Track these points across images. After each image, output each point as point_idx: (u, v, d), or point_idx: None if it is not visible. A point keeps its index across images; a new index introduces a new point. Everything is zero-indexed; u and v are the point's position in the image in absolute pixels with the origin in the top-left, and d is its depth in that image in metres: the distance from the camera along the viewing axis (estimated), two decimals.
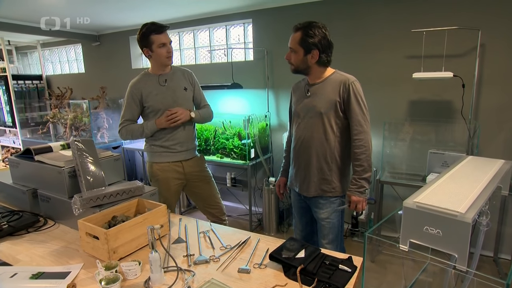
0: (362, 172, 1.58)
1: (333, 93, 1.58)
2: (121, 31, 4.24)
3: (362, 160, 1.57)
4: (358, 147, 1.57)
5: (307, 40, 1.53)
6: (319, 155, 1.64)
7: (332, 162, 1.64)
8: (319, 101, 1.61)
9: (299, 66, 1.62)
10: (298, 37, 1.55)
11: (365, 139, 1.56)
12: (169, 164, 2.02)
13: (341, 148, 1.64)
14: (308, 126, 1.66)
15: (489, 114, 2.51)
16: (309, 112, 1.65)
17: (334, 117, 1.60)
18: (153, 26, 1.85)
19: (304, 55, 1.57)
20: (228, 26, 3.66)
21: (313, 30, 1.53)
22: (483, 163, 1.36)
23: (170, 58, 1.94)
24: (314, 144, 1.64)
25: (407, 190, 2.65)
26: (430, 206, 0.89)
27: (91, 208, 1.39)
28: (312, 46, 1.54)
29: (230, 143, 3.25)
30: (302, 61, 1.59)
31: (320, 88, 1.62)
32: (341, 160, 1.65)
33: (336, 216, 1.70)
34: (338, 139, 1.63)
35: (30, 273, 1.12)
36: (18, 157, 1.72)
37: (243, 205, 3.74)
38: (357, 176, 1.59)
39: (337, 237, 1.72)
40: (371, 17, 2.77)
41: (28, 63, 5.76)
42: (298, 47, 1.57)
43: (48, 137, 4.55)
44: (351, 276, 1.07)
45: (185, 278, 1.10)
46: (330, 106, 1.58)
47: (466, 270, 0.77)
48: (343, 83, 1.56)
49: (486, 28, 2.36)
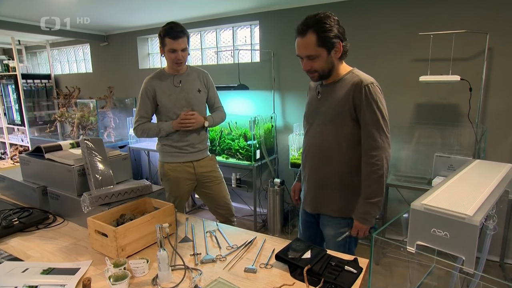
0: (370, 195, 1.33)
1: (344, 98, 1.33)
2: (129, 31, 4.28)
3: (372, 180, 1.31)
4: (369, 165, 1.31)
5: (326, 36, 1.28)
6: (325, 168, 1.41)
7: (339, 179, 1.40)
8: (328, 105, 1.38)
9: (325, 70, 1.35)
10: (314, 38, 1.28)
11: (379, 156, 1.29)
12: (180, 164, 2.03)
13: (350, 161, 1.38)
14: (315, 134, 1.45)
15: (496, 118, 2.50)
16: (317, 119, 1.44)
17: (345, 125, 1.34)
18: (170, 30, 1.83)
19: (328, 54, 1.31)
20: (235, 28, 3.68)
21: (325, 22, 1.27)
22: (490, 167, 1.36)
23: (179, 64, 1.92)
24: (319, 155, 1.42)
25: (413, 193, 2.64)
26: (438, 209, 0.90)
27: (100, 206, 1.41)
28: (335, 39, 1.29)
29: (236, 144, 3.27)
30: (328, 62, 1.33)
31: (331, 91, 1.38)
32: (349, 175, 1.39)
33: (342, 235, 1.46)
34: (348, 151, 1.37)
35: (41, 269, 1.15)
36: (28, 155, 1.75)
37: (248, 205, 3.75)
38: (364, 199, 1.35)
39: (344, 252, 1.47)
40: (378, 19, 2.77)
41: (37, 63, 5.84)
42: (319, 49, 1.30)
43: (56, 136, 4.61)
44: (357, 277, 1.08)
45: (192, 277, 1.11)
46: (340, 112, 1.34)
47: (473, 272, 0.77)
48: (355, 85, 1.31)
49: (494, 31, 2.35)
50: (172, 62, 1.92)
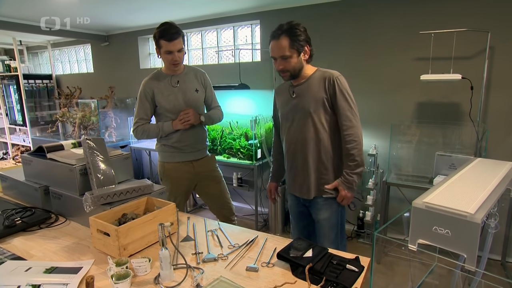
0: (354, 167, 1.56)
1: (319, 91, 1.56)
2: (129, 31, 4.29)
3: (355, 155, 1.55)
4: (348, 142, 1.55)
5: (297, 40, 1.51)
6: (315, 156, 1.63)
7: (327, 161, 1.63)
8: (306, 100, 1.59)
9: (296, 70, 1.58)
10: (287, 41, 1.51)
11: (355, 134, 1.54)
12: (179, 164, 2.04)
13: (333, 145, 1.63)
14: (299, 129, 1.64)
15: (498, 117, 2.49)
16: (297, 114, 1.63)
17: (324, 115, 1.58)
18: (164, 32, 1.81)
19: (298, 56, 1.55)
20: (236, 27, 3.68)
21: (296, 28, 1.51)
22: (492, 165, 1.36)
23: (176, 65, 1.92)
24: (308, 146, 1.63)
25: (414, 192, 2.64)
26: (440, 207, 0.90)
27: (102, 206, 1.42)
28: (303, 42, 1.53)
29: (237, 143, 3.27)
30: (298, 63, 1.57)
31: (305, 88, 1.61)
32: (336, 157, 1.64)
33: (336, 216, 1.68)
34: (330, 137, 1.61)
35: (44, 268, 1.15)
36: (30, 154, 1.75)
37: (249, 205, 3.76)
38: (349, 171, 1.57)
39: (337, 236, 1.70)
40: (379, 19, 2.77)
41: (39, 63, 5.86)
42: (291, 51, 1.53)
43: (57, 136, 4.62)
44: (359, 276, 1.08)
45: (194, 276, 1.11)
46: (318, 104, 1.57)
47: (475, 270, 0.77)
48: (327, 79, 1.55)
49: (496, 30, 2.35)
50: (169, 63, 1.91)
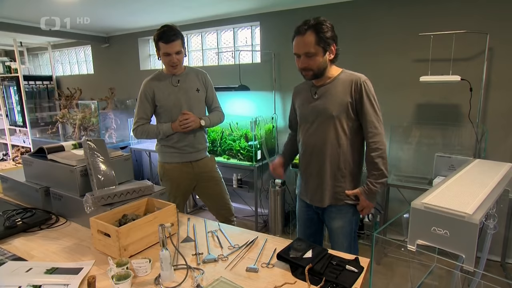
0: (379, 176, 1.48)
1: (344, 94, 1.47)
2: (130, 33, 4.30)
3: (379, 163, 1.46)
4: (374, 150, 1.47)
5: (323, 37, 1.41)
6: (332, 161, 1.53)
7: (345, 168, 1.53)
8: (330, 103, 1.50)
9: (320, 68, 1.47)
10: (313, 37, 1.41)
11: (381, 141, 1.46)
12: (179, 165, 2.05)
13: (353, 152, 1.53)
14: (319, 132, 1.54)
15: (497, 118, 2.50)
16: (319, 116, 1.53)
17: (346, 119, 1.49)
18: (162, 35, 1.83)
19: (323, 54, 1.44)
20: (236, 29, 3.69)
21: (323, 24, 1.41)
22: (490, 166, 1.37)
23: (174, 67, 1.94)
24: (326, 151, 1.53)
25: (413, 193, 2.64)
26: (438, 207, 0.91)
27: (102, 207, 1.42)
28: (330, 40, 1.43)
29: (237, 144, 3.28)
30: (323, 62, 1.46)
31: (329, 89, 1.51)
32: (354, 164, 1.55)
33: (350, 224, 1.60)
34: (350, 143, 1.52)
35: (45, 268, 1.16)
36: (31, 156, 1.76)
37: (249, 206, 3.76)
38: (373, 180, 1.49)
39: (351, 244, 1.62)
40: (379, 20, 2.78)
41: (39, 64, 5.86)
42: (317, 48, 1.42)
43: (57, 137, 4.62)
44: (358, 277, 1.08)
45: (195, 276, 1.12)
46: (342, 107, 1.47)
47: (473, 270, 0.78)
48: (354, 82, 1.46)
49: (495, 32, 2.36)
50: (167, 65, 1.94)
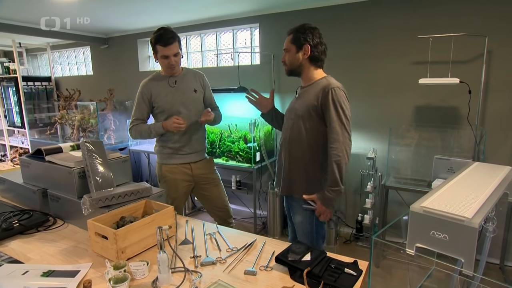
0: (332, 183, 1.50)
1: (313, 97, 1.56)
2: (129, 34, 4.30)
3: (333, 170, 1.48)
4: (331, 156, 1.49)
5: (298, 36, 1.58)
6: (292, 155, 1.65)
7: (301, 164, 1.63)
8: (301, 104, 1.62)
9: (292, 64, 1.63)
10: (291, 36, 1.61)
11: (339, 148, 1.47)
12: (177, 166, 2.04)
13: (312, 153, 1.60)
14: (287, 127, 1.69)
15: (496, 121, 2.50)
16: (291, 114, 1.68)
17: (308, 120, 1.58)
18: (160, 37, 1.84)
19: (296, 52, 1.60)
20: (235, 30, 3.69)
21: (304, 28, 1.59)
22: (489, 170, 1.37)
23: (173, 69, 1.95)
24: (289, 145, 1.67)
25: (412, 196, 2.64)
26: (437, 211, 0.90)
27: (100, 209, 1.41)
28: (303, 41, 1.57)
29: (235, 146, 3.27)
30: (295, 59, 1.61)
31: (307, 91, 1.63)
32: (311, 164, 1.61)
33: (310, 223, 1.64)
34: (310, 143, 1.59)
35: (41, 271, 1.15)
36: (29, 157, 1.75)
37: (247, 208, 3.75)
38: (328, 187, 1.52)
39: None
40: (378, 23, 2.79)
41: (38, 65, 5.85)
42: (291, 45, 1.61)
43: (56, 138, 4.61)
44: (357, 280, 1.08)
45: (192, 279, 1.11)
46: (307, 109, 1.58)
47: (473, 274, 0.77)
48: (324, 88, 1.53)
49: (493, 34, 2.36)
50: (165, 67, 1.96)
